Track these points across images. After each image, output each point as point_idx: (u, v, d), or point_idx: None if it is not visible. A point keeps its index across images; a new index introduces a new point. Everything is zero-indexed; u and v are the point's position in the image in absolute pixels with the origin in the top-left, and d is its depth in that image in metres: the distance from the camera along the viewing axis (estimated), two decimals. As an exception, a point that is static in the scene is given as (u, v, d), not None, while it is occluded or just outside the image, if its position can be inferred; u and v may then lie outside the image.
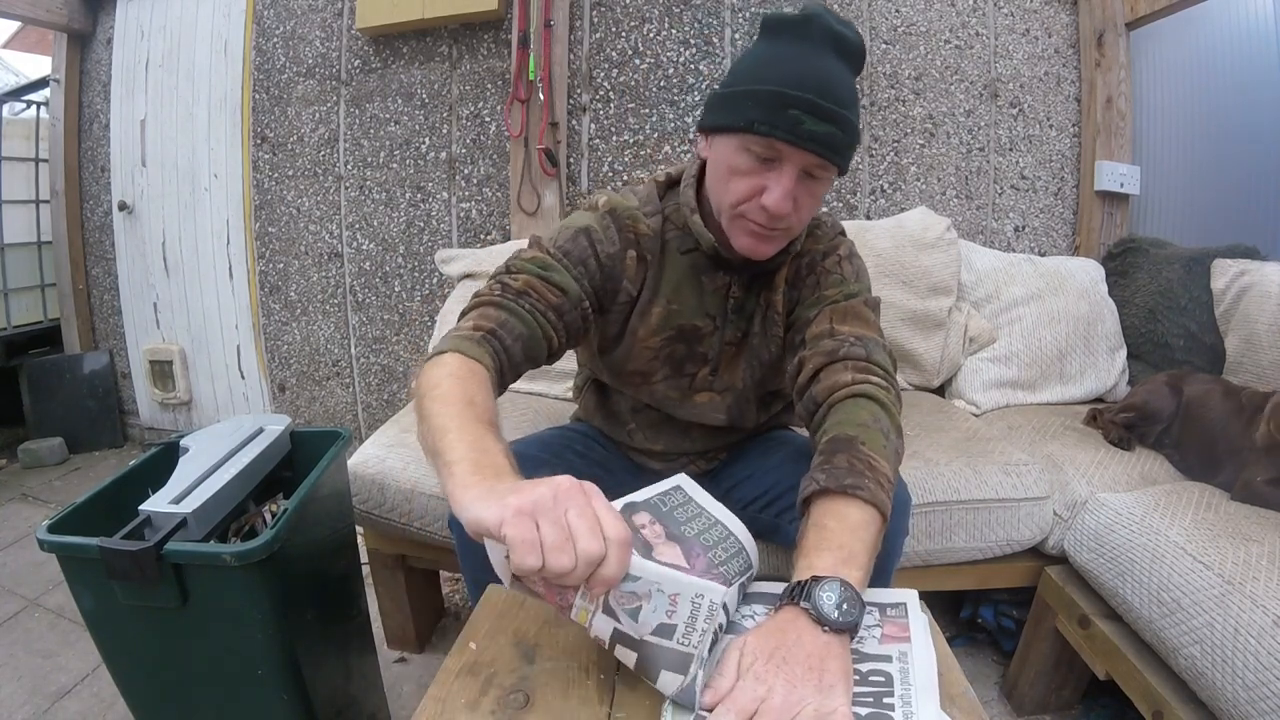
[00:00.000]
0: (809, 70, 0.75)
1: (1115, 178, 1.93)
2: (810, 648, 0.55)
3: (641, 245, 0.90)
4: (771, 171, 0.77)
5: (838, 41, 0.77)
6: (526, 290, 0.82)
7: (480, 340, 0.77)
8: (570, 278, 0.85)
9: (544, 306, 0.82)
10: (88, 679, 1.42)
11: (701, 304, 0.93)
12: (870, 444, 0.72)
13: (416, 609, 1.47)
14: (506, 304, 0.81)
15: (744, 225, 0.82)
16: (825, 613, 0.57)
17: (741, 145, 0.78)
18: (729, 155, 0.80)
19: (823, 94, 0.74)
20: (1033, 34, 2.00)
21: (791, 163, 0.76)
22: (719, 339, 0.94)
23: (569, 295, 0.84)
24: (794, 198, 0.78)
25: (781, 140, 0.74)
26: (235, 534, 0.97)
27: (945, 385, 1.79)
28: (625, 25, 2.08)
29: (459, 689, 0.59)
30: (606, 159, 2.14)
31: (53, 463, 2.61)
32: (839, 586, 0.58)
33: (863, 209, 2.08)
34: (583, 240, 0.88)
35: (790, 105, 0.73)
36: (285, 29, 2.33)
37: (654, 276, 0.92)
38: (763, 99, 0.75)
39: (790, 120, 0.73)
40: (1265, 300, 1.48)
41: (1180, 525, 1.05)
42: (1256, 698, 0.83)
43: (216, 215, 2.51)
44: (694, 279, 0.92)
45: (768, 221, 0.79)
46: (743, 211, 0.80)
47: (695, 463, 1.09)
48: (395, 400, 2.43)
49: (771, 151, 0.76)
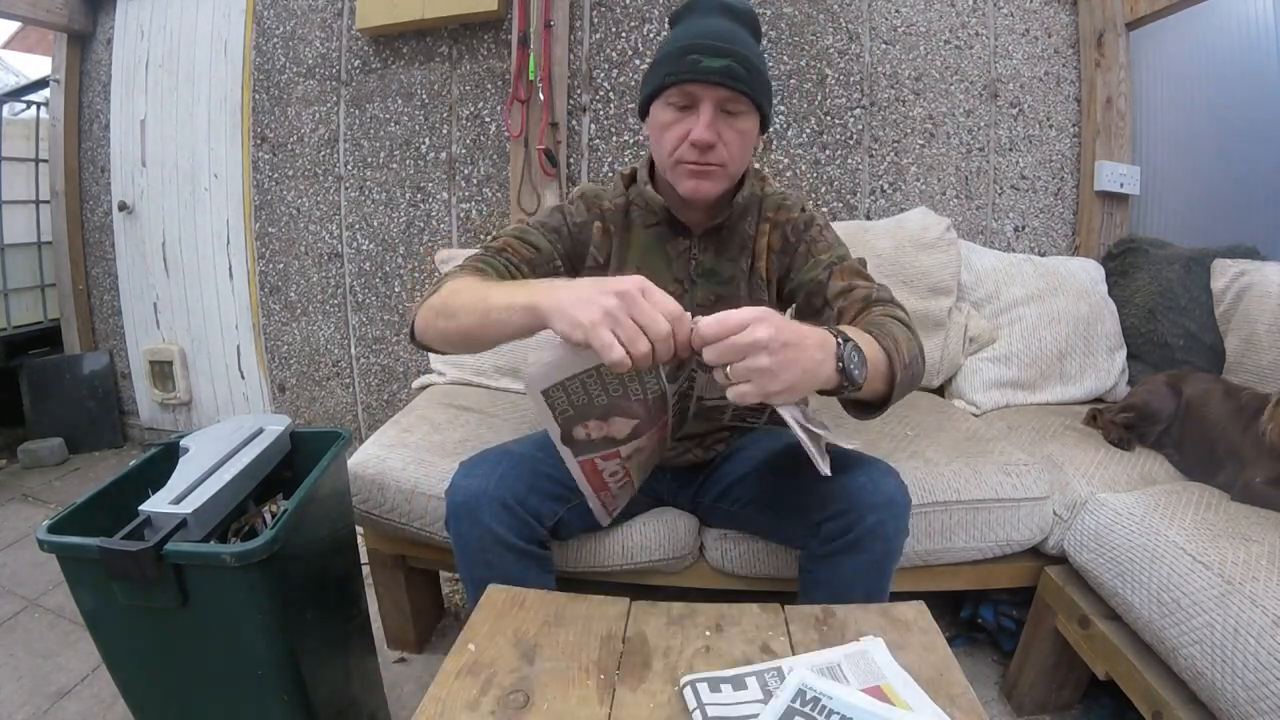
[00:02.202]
0: (701, 26, 0.89)
1: (1115, 178, 1.93)
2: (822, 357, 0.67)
3: (606, 218, 1.03)
4: (691, 114, 0.89)
5: (725, 8, 0.91)
6: (504, 248, 0.97)
7: (477, 268, 0.91)
8: (543, 238, 1.00)
9: (518, 260, 0.96)
10: (88, 679, 1.42)
11: (669, 269, 1.03)
12: (893, 331, 0.82)
13: (416, 609, 1.47)
14: (486, 258, 0.94)
15: (683, 170, 0.91)
16: (846, 356, 0.69)
17: (664, 103, 0.90)
18: (658, 116, 0.92)
19: (713, 36, 0.86)
20: (1033, 34, 2.00)
21: (706, 101, 0.87)
22: (690, 301, 1.02)
23: (541, 252, 0.98)
24: (716, 131, 0.88)
25: (687, 81, 0.86)
26: (235, 534, 0.97)
27: (945, 385, 1.79)
28: (625, 25, 2.08)
29: (459, 689, 0.59)
30: (606, 159, 2.14)
31: (53, 463, 2.61)
32: (862, 355, 0.71)
33: (863, 209, 2.08)
34: (556, 215, 1.03)
35: (689, 51, 0.86)
36: (285, 29, 2.33)
37: (620, 247, 1.03)
38: (667, 58, 0.89)
39: (691, 62, 0.86)
40: (1265, 300, 1.48)
41: (1180, 525, 1.05)
42: (1256, 698, 0.83)
43: (216, 215, 2.51)
44: (659, 248, 1.03)
45: (699, 157, 0.89)
46: (679, 156, 0.91)
47: (693, 451, 1.09)
48: (395, 400, 2.43)
49: (687, 98, 0.88)
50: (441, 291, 0.84)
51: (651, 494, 1.15)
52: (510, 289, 0.77)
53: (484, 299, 0.76)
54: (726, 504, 1.10)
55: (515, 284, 0.80)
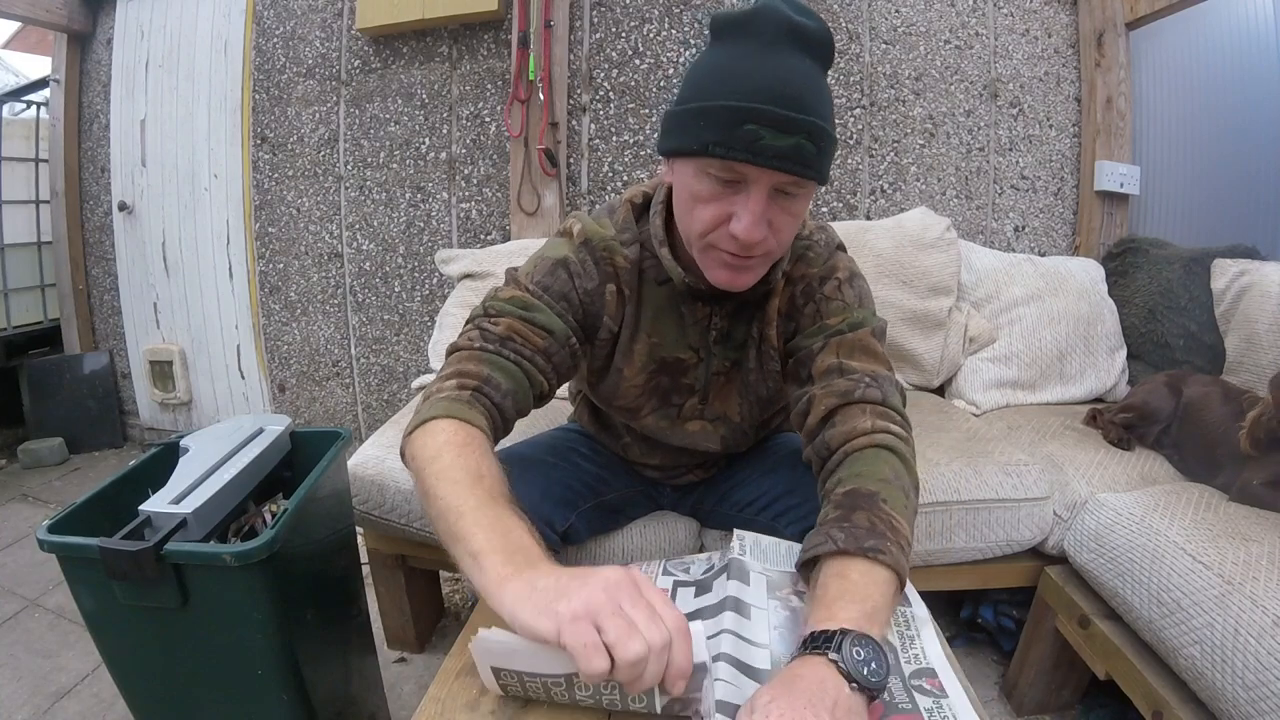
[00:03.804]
0: (763, 74, 0.64)
1: (1115, 178, 1.93)
2: (835, 698, 0.50)
3: (620, 278, 0.84)
4: (738, 195, 0.68)
5: (795, 34, 0.65)
6: (510, 336, 0.77)
7: (470, 400, 0.72)
8: (554, 315, 0.80)
9: (530, 351, 0.77)
10: (88, 679, 1.42)
11: (683, 336, 0.87)
12: (892, 503, 0.66)
13: (416, 609, 1.47)
14: (489, 356, 0.76)
15: (716, 256, 0.72)
16: (856, 669, 0.52)
17: (701, 169, 0.68)
18: (690, 181, 0.70)
19: (782, 101, 0.63)
20: (1033, 34, 2.00)
21: (759, 184, 0.66)
22: (705, 370, 0.89)
23: (555, 335, 0.79)
24: (767, 221, 0.68)
25: (741, 161, 0.64)
26: (235, 534, 0.96)
27: (945, 385, 1.79)
28: (625, 25, 2.08)
29: (459, 689, 0.59)
30: (606, 159, 2.14)
31: (53, 463, 2.61)
32: (869, 644, 0.54)
33: (863, 209, 2.08)
34: (561, 274, 0.81)
35: (746, 120, 0.63)
36: (285, 29, 2.33)
37: (633, 311, 0.86)
38: (715, 116, 0.65)
39: (748, 137, 0.63)
40: (1265, 300, 1.48)
41: (1180, 525, 1.05)
42: (1256, 698, 0.83)
43: (216, 215, 2.51)
44: (673, 310, 0.86)
45: (740, 250, 0.70)
46: (712, 241, 0.71)
47: (693, 472, 1.09)
48: (395, 400, 2.43)
49: (734, 174, 0.66)
50: (428, 444, 0.67)
51: (652, 502, 1.15)
52: (477, 534, 0.58)
53: (454, 520, 0.59)
54: (726, 508, 1.09)
55: (490, 525, 0.59)
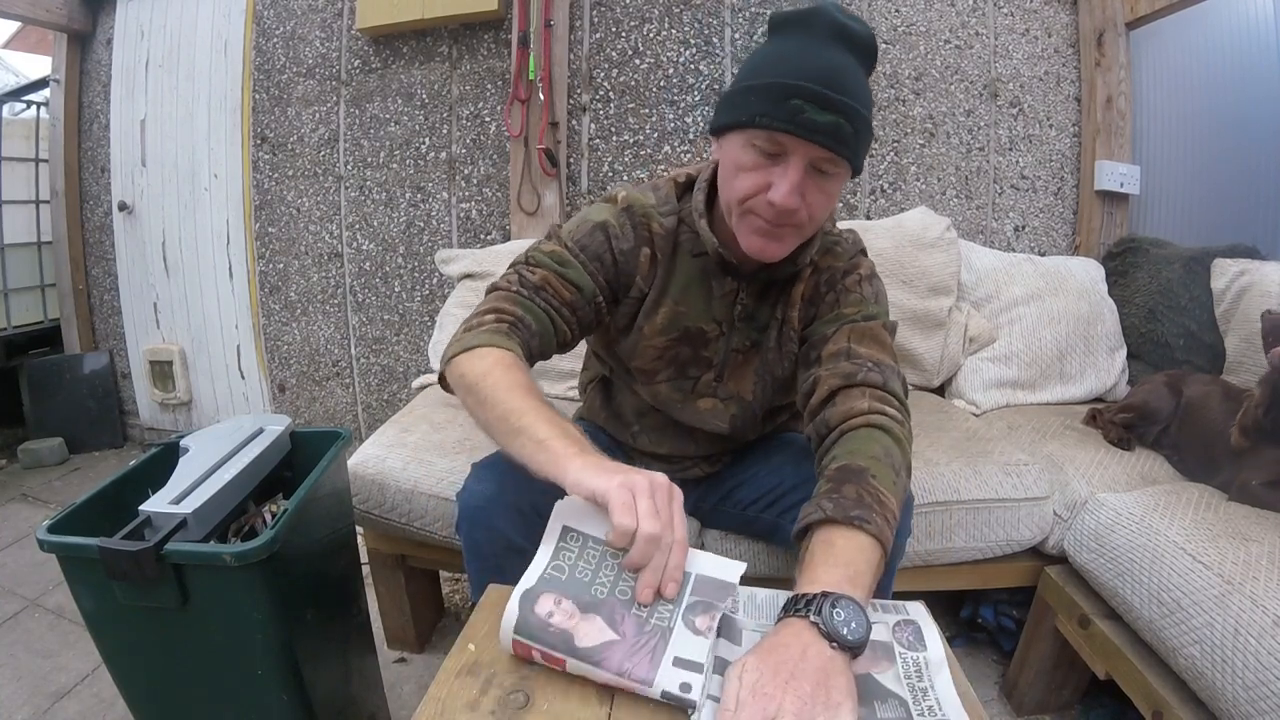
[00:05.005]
0: (812, 61, 0.73)
1: (1115, 177, 1.93)
2: (817, 663, 0.54)
3: (655, 243, 0.91)
4: (777, 166, 0.75)
5: (843, 34, 0.75)
6: (543, 285, 0.86)
7: (508, 332, 0.82)
8: (585, 274, 0.88)
9: (558, 303, 0.86)
10: (88, 679, 1.42)
11: (709, 308, 0.92)
12: (880, 479, 0.70)
13: (416, 609, 1.47)
14: (523, 300, 0.85)
15: (751, 222, 0.80)
16: (835, 629, 0.56)
17: (747, 141, 0.76)
18: (736, 153, 0.78)
19: (826, 83, 0.71)
20: (1033, 34, 2.00)
21: (797, 156, 0.74)
22: (725, 345, 0.94)
23: (583, 291, 0.87)
24: (801, 192, 0.76)
25: (783, 132, 0.73)
26: (235, 534, 0.96)
27: (945, 385, 1.79)
28: (625, 25, 2.08)
29: (459, 689, 0.59)
30: (606, 159, 2.14)
31: (53, 463, 2.61)
32: (849, 604, 0.57)
33: (863, 209, 2.08)
34: (599, 235, 0.89)
35: (792, 95, 0.71)
36: (285, 29, 2.33)
37: (663, 276, 0.92)
38: (765, 92, 0.74)
39: (792, 110, 0.71)
40: (1265, 300, 1.48)
41: (1180, 525, 1.05)
42: (1256, 697, 0.83)
43: (216, 215, 2.51)
44: (703, 282, 0.92)
45: (774, 217, 0.77)
46: (750, 207, 0.79)
47: (699, 465, 1.09)
48: (395, 400, 2.43)
49: (776, 145, 0.74)
50: (476, 365, 0.77)
51: None
52: (540, 425, 0.68)
53: (518, 418, 0.70)
54: (728, 507, 1.09)
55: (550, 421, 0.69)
